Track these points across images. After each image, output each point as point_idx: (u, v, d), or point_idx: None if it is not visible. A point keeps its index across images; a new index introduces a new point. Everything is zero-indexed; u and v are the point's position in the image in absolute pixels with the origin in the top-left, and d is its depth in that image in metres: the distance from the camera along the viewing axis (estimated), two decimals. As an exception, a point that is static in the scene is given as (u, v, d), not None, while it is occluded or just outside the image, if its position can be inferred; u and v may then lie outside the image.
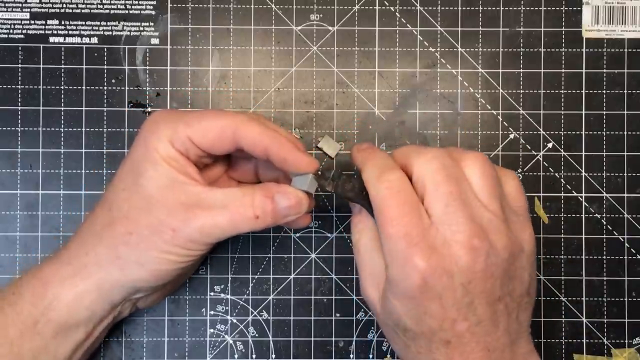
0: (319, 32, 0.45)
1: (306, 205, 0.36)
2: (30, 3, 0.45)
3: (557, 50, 0.45)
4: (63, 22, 0.45)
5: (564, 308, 0.45)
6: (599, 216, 0.45)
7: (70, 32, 0.45)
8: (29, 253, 0.44)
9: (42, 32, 0.45)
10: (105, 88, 0.45)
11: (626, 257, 0.45)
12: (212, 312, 0.45)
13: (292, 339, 0.45)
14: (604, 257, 0.45)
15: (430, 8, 0.45)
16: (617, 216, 0.45)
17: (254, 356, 0.44)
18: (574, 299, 0.45)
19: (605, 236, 0.45)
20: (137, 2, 0.45)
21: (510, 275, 0.33)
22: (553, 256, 0.45)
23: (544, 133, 0.45)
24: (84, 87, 0.45)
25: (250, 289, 0.45)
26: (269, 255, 0.45)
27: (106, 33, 0.45)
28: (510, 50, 0.45)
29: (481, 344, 0.33)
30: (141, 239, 0.34)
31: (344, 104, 0.45)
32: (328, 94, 0.45)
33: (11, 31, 0.44)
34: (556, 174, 0.45)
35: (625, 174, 0.45)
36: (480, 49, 0.45)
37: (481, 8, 0.45)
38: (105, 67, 0.45)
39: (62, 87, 0.44)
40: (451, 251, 0.32)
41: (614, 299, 0.45)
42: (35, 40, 0.45)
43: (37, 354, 0.35)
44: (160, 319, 0.44)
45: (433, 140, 0.45)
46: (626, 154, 0.45)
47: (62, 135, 0.44)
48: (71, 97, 0.44)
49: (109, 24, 0.45)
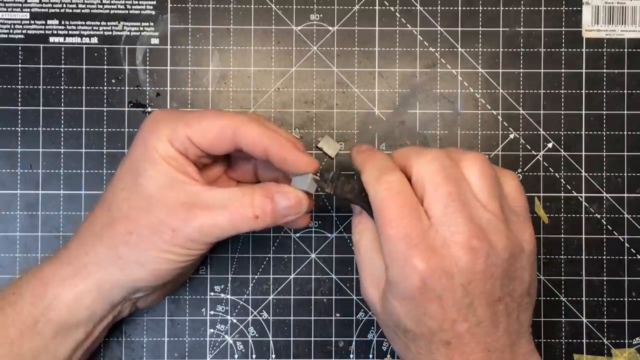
0: (319, 32, 0.45)
1: (306, 205, 0.36)
2: (30, 3, 0.45)
3: (557, 50, 0.45)
4: (63, 22, 0.45)
5: (564, 308, 0.45)
6: (599, 216, 0.45)
7: (70, 32, 0.45)
8: (29, 253, 0.44)
9: (42, 32, 0.45)
10: (105, 88, 0.45)
11: (626, 257, 0.45)
12: (212, 312, 0.45)
13: (292, 339, 0.45)
14: (604, 257, 0.45)
15: (430, 8, 0.45)
16: (617, 216, 0.45)
17: (254, 356, 0.44)
18: (574, 299, 0.45)
19: (605, 236, 0.45)
20: (137, 2, 0.45)
21: (511, 275, 0.33)
22: (553, 256, 0.45)
23: (544, 133, 0.45)
24: (84, 87, 0.45)
25: (250, 289, 0.45)
26: (269, 255, 0.45)
27: (106, 33, 0.45)
28: (510, 50, 0.45)
29: (481, 344, 0.33)
30: (141, 239, 0.34)
31: (344, 104, 0.45)
32: (328, 94, 0.45)
33: (11, 31, 0.44)
34: (556, 174, 0.45)
35: (625, 174, 0.45)
36: (480, 49, 0.45)
37: (481, 8, 0.45)
38: (105, 67, 0.45)
39: (62, 87, 0.44)
40: (451, 252, 0.32)
41: (614, 299, 0.45)
42: (35, 40, 0.45)
43: (37, 353, 0.35)
44: (160, 319, 0.44)
45: (433, 140, 0.45)
46: (626, 154, 0.45)
47: (62, 135, 0.44)
48: (71, 97, 0.44)
49: (109, 24, 0.45)
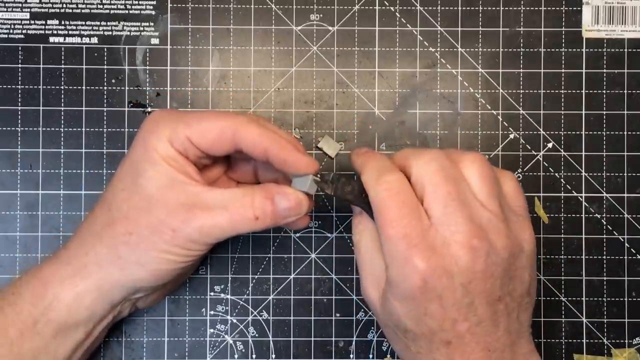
0: (319, 32, 0.45)
1: (306, 206, 0.36)
2: (30, 3, 0.45)
3: (557, 50, 0.45)
4: (63, 22, 0.45)
5: (564, 308, 0.45)
6: (599, 216, 0.45)
7: (70, 32, 0.45)
8: (29, 253, 0.44)
9: (42, 32, 0.45)
10: (105, 88, 0.45)
11: (626, 257, 0.45)
12: (212, 312, 0.45)
13: (292, 339, 0.45)
14: (604, 257, 0.45)
15: (430, 8, 0.45)
16: (617, 216, 0.45)
17: (254, 356, 0.44)
18: (574, 299, 0.45)
19: (605, 236, 0.45)
20: (137, 2, 0.45)
21: (511, 275, 0.33)
22: (553, 256, 0.45)
23: (544, 133, 0.45)
24: (84, 87, 0.45)
25: (250, 289, 0.45)
26: (269, 255, 0.45)
27: (106, 33, 0.45)
28: (510, 50, 0.45)
29: (481, 344, 0.33)
30: (141, 239, 0.34)
31: (344, 104, 0.45)
32: (328, 94, 0.45)
33: (11, 31, 0.44)
34: (556, 174, 0.45)
35: (625, 174, 0.45)
36: (480, 49, 0.45)
37: (481, 8, 0.45)
38: (105, 67, 0.45)
39: (62, 87, 0.44)
40: (451, 251, 0.32)
41: (614, 299, 0.45)
42: (35, 40, 0.45)
43: (37, 353, 0.35)
44: (160, 319, 0.44)
45: (433, 140, 0.45)
46: (626, 154, 0.45)
47: (62, 135, 0.44)
48: (71, 97, 0.44)
49: (109, 24, 0.45)
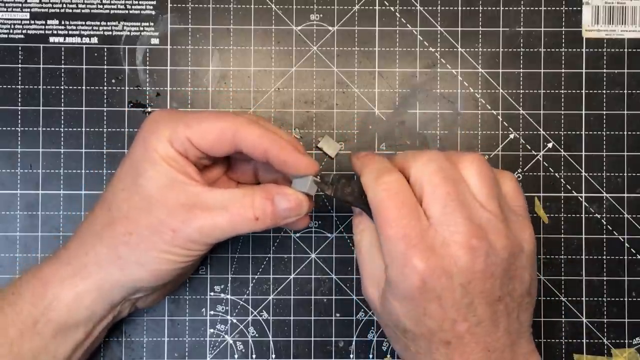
0: (319, 32, 0.45)
1: (306, 207, 0.36)
2: (30, 3, 0.45)
3: (557, 50, 0.45)
4: (63, 22, 0.45)
5: (564, 308, 0.45)
6: (599, 216, 0.45)
7: (70, 32, 0.45)
8: (29, 253, 0.44)
9: (42, 32, 0.45)
10: (105, 88, 0.45)
11: (626, 257, 0.45)
12: (212, 312, 0.45)
13: (292, 339, 0.45)
14: (604, 257, 0.45)
15: (430, 8, 0.45)
16: (617, 216, 0.45)
17: (254, 356, 0.44)
18: (574, 299, 0.45)
19: (605, 236, 0.45)
20: (137, 2, 0.45)
21: (511, 275, 0.33)
22: (553, 256, 0.45)
23: (544, 133, 0.45)
24: (84, 87, 0.45)
25: (250, 289, 0.45)
26: (269, 255, 0.45)
27: (106, 33, 0.45)
28: (510, 50, 0.45)
29: (481, 344, 0.33)
30: (141, 239, 0.34)
31: (344, 104, 0.45)
32: (328, 94, 0.45)
33: (11, 31, 0.44)
34: (556, 174, 0.45)
35: (625, 174, 0.45)
36: (480, 49, 0.45)
37: (481, 8, 0.45)
38: (105, 67, 0.45)
39: (62, 87, 0.44)
40: (450, 252, 0.32)
41: (614, 299, 0.45)
42: (35, 40, 0.45)
43: (37, 353, 0.35)
44: (160, 319, 0.44)
45: (433, 140, 0.45)
46: (626, 154, 0.45)
47: (62, 135, 0.44)
48: (71, 97, 0.44)
49: (109, 24, 0.45)
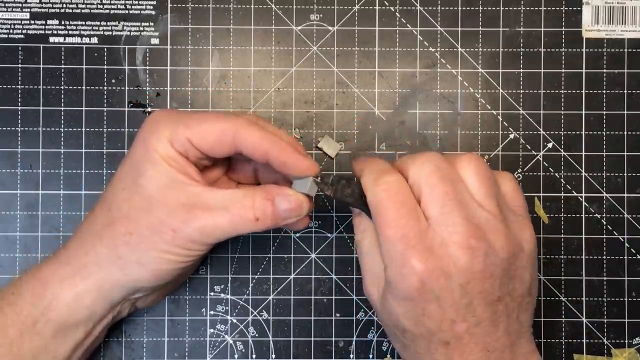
0: (319, 32, 0.45)
1: (306, 208, 0.36)
2: (30, 3, 0.45)
3: (557, 50, 0.45)
4: (63, 22, 0.45)
5: (564, 308, 0.45)
6: (599, 216, 0.45)
7: (70, 32, 0.45)
8: (29, 253, 0.44)
9: (42, 32, 0.45)
10: (105, 88, 0.45)
11: (626, 257, 0.45)
12: (212, 312, 0.45)
13: (292, 339, 0.45)
14: (604, 257, 0.45)
15: (430, 8, 0.45)
16: (617, 216, 0.45)
17: (254, 356, 0.44)
18: (574, 299, 0.45)
19: (605, 236, 0.45)
20: (137, 2, 0.45)
21: (511, 275, 0.33)
22: (553, 256, 0.45)
23: (544, 133, 0.45)
24: (84, 87, 0.45)
25: (250, 289, 0.45)
26: (269, 255, 0.45)
27: (106, 33, 0.45)
28: (510, 50, 0.45)
29: (480, 344, 0.33)
30: (141, 239, 0.34)
31: (344, 104, 0.45)
32: (328, 94, 0.45)
33: (11, 31, 0.44)
34: (556, 174, 0.45)
35: (625, 174, 0.45)
36: (480, 49, 0.45)
37: (481, 8, 0.45)
38: (105, 67, 0.45)
39: (62, 87, 0.44)
40: (449, 252, 0.32)
41: (614, 299, 0.45)
42: (35, 40, 0.45)
43: (37, 353, 0.35)
44: (160, 319, 0.44)
45: (433, 140, 0.45)
46: (626, 154, 0.45)
47: (62, 135, 0.44)
48: (71, 97, 0.45)
49: (109, 24, 0.45)
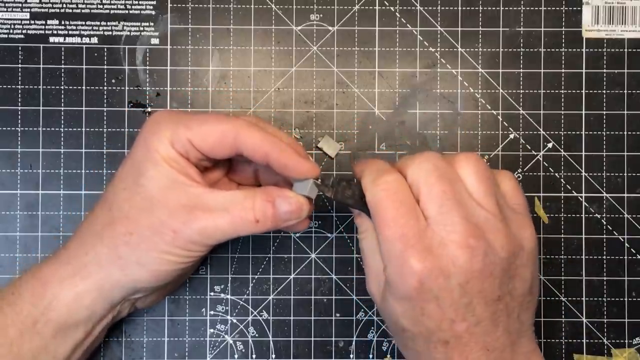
0: (319, 32, 0.45)
1: (307, 210, 0.36)
2: (30, 3, 0.45)
3: (557, 50, 0.45)
4: (63, 22, 0.45)
5: (564, 308, 0.45)
6: (599, 216, 0.45)
7: (70, 32, 0.45)
8: (29, 253, 0.44)
9: (42, 32, 0.45)
10: (105, 88, 0.45)
11: (626, 257, 0.45)
12: (212, 312, 0.45)
13: (292, 339, 0.45)
14: (604, 257, 0.45)
15: (430, 8, 0.45)
16: (617, 216, 0.45)
17: (254, 356, 0.44)
18: (574, 299, 0.45)
19: (605, 236, 0.45)
20: (137, 2, 0.45)
21: (511, 274, 0.33)
22: (553, 256, 0.45)
23: (544, 133, 0.45)
24: (84, 87, 0.45)
25: (250, 289, 0.45)
26: (269, 255, 0.45)
27: (106, 33, 0.45)
28: (510, 50, 0.45)
29: (480, 343, 0.33)
30: (142, 240, 0.34)
31: (344, 104, 0.45)
32: (328, 94, 0.45)
33: (11, 31, 0.44)
34: (556, 174, 0.45)
35: (625, 174, 0.45)
36: (480, 49, 0.45)
37: (481, 8, 0.45)
38: (105, 67, 0.45)
39: (62, 87, 0.44)
40: (448, 251, 0.32)
41: (614, 299, 0.45)
42: (35, 40, 0.45)
43: (37, 353, 0.35)
44: (160, 319, 0.44)
45: (433, 140, 0.45)
46: (626, 154, 0.45)
47: (62, 135, 0.44)
48: (71, 97, 0.45)
49: (109, 24, 0.45)
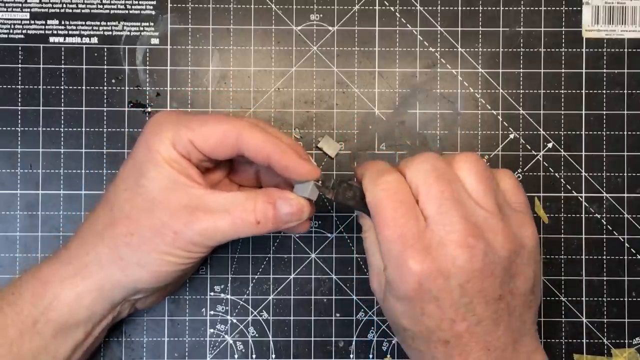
0: (319, 32, 0.45)
1: (307, 212, 0.36)
2: (30, 3, 0.45)
3: (557, 50, 0.45)
4: (63, 22, 0.45)
5: (564, 308, 0.45)
6: (599, 216, 0.45)
7: (70, 32, 0.45)
8: (29, 253, 0.44)
9: (42, 32, 0.45)
10: (105, 88, 0.45)
11: (626, 257, 0.45)
12: (212, 312, 0.45)
13: (292, 339, 0.45)
14: (604, 257, 0.45)
15: (430, 8, 0.45)
16: (617, 216, 0.45)
17: (254, 356, 0.44)
18: (574, 299, 0.45)
19: (605, 236, 0.45)
20: (137, 2, 0.45)
21: (512, 273, 0.33)
22: (553, 256, 0.45)
23: (544, 133, 0.45)
24: (84, 87, 0.45)
25: (250, 289, 0.45)
26: (269, 255, 0.45)
27: (106, 33, 0.45)
28: (510, 50, 0.45)
29: (481, 343, 0.33)
30: (143, 241, 0.34)
31: (344, 104, 0.45)
32: (328, 94, 0.45)
33: (11, 31, 0.44)
34: (556, 174, 0.45)
35: (625, 174, 0.45)
36: (480, 49, 0.45)
37: (481, 8, 0.45)
38: (105, 67, 0.45)
39: (62, 87, 0.44)
40: (447, 251, 0.32)
41: (614, 299, 0.45)
42: (35, 40, 0.45)
43: (37, 354, 0.35)
44: (160, 319, 0.44)
45: (433, 140, 0.45)
46: (626, 154, 0.45)
47: (62, 135, 0.44)
48: (71, 97, 0.44)
49: (109, 24, 0.45)
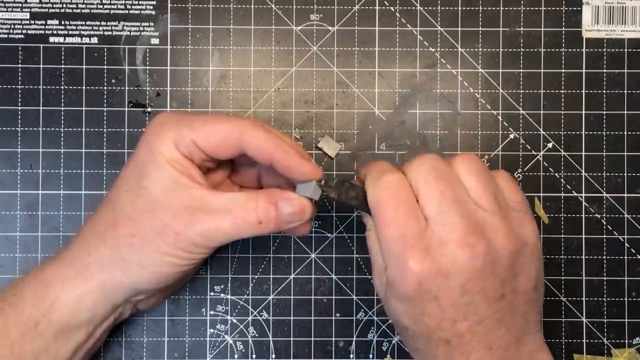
0: (319, 32, 0.45)
1: (309, 212, 0.36)
2: (30, 3, 0.44)
3: (557, 50, 0.45)
4: (63, 22, 0.45)
5: (564, 308, 0.45)
6: (599, 216, 0.45)
7: (70, 32, 0.45)
8: (29, 253, 0.44)
9: (42, 32, 0.44)
10: (105, 88, 0.45)
11: (626, 257, 0.45)
12: (212, 312, 0.45)
13: (292, 339, 0.45)
14: (604, 257, 0.45)
15: (430, 8, 0.45)
16: (617, 216, 0.45)
17: (254, 356, 0.45)
18: (574, 299, 0.45)
19: (605, 236, 0.45)
20: (137, 2, 0.45)
21: (515, 271, 0.33)
22: (553, 256, 0.45)
23: (544, 133, 0.45)
24: (84, 87, 0.44)
25: (250, 289, 0.45)
26: (269, 255, 0.45)
27: (106, 33, 0.45)
28: (510, 50, 0.45)
29: (482, 342, 0.33)
30: (144, 242, 0.34)
31: (344, 104, 0.45)
32: (328, 94, 0.45)
33: (11, 31, 0.44)
34: (556, 174, 0.45)
35: (625, 174, 0.45)
36: (480, 49, 0.45)
37: (481, 8, 0.45)
38: (105, 67, 0.45)
39: (62, 87, 0.44)
40: (447, 250, 0.32)
41: (614, 299, 0.45)
42: (35, 40, 0.44)
43: (38, 355, 0.35)
44: (160, 319, 0.44)
45: (433, 140, 0.45)
46: (626, 154, 0.45)
47: (62, 135, 0.44)
48: (71, 97, 0.44)
49: (109, 24, 0.45)
